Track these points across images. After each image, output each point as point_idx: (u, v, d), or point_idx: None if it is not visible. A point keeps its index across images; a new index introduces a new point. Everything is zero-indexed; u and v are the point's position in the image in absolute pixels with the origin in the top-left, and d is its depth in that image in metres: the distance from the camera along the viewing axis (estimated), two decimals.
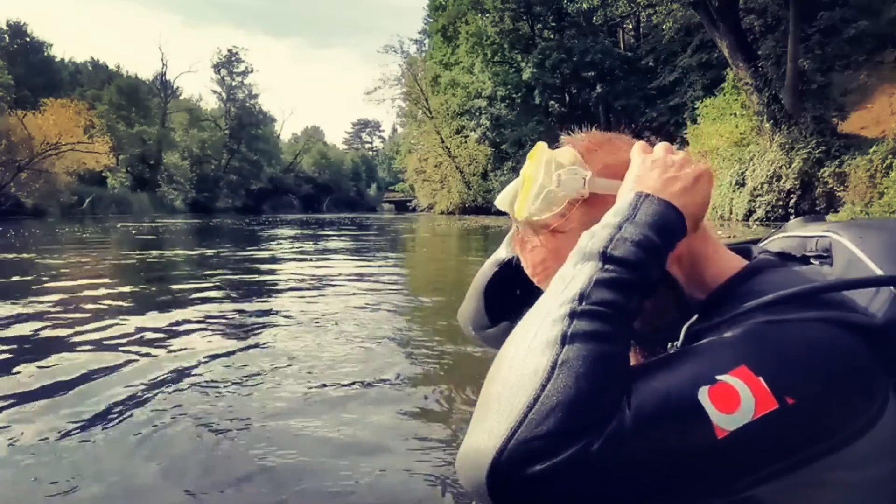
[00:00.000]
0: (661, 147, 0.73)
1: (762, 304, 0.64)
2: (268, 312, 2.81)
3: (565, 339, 0.58)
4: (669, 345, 0.71)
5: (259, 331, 2.30)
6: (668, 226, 0.67)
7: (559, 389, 0.54)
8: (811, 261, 0.82)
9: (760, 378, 0.56)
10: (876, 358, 0.61)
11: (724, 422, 0.54)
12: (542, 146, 0.79)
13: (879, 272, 0.73)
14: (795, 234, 0.88)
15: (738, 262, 0.76)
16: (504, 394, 0.57)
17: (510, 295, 0.84)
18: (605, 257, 0.64)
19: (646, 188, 0.69)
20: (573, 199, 0.72)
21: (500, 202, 0.81)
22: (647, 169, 0.70)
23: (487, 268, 1.08)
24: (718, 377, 0.56)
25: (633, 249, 0.64)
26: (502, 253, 1.03)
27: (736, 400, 0.55)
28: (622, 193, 0.71)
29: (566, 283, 0.64)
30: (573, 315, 0.60)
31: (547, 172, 0.75)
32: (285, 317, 2.68)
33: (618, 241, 0.64)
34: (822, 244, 0.82)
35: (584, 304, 0.60)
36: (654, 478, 0.55)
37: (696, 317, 0.69)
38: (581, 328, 0.59)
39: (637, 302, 0.64)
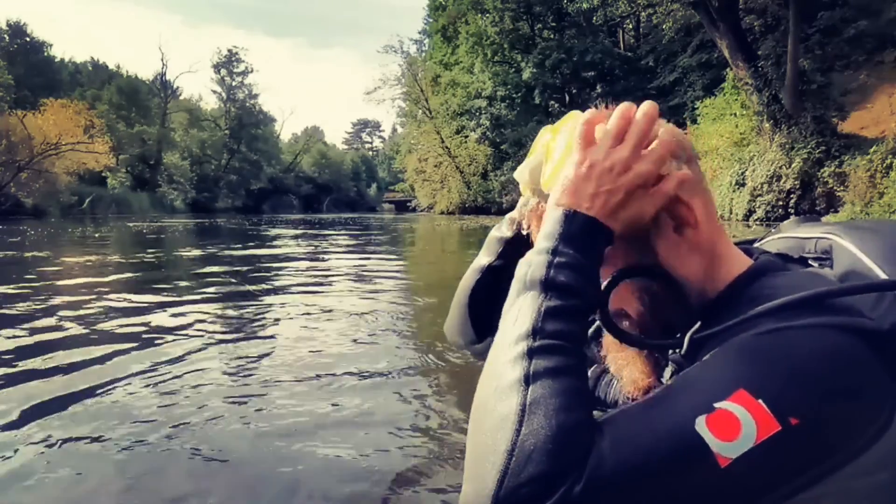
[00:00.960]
0: (606, 138, 0.68)
1: (768, 310, 0.63)
2: (268, 311, 2.81)
3: (528, 380, 0.59)
4: (672, 352, 0.70)
5: (259, 330, 2.30)
6: (598, 245, 0.66)
7: (533, 432, 0.55)
8: (810, 263, 0.80)
9: (760, 401, 0.55)
10: (883, 364, 0.60)
11: (726, 450, 0.54)
12: (576, 113, 0.75)
13: (883, 276, 0.71)
14: (792, 235, 0.87)
15: (744, 261, 0.75)
16: (484, 443, 0.58)
17: (496, 305, 0.82)
18: (547, 286, 0.64)
19: (575, 200, 0.67)
20: None
21: (520, 174, 0.79)
22: (583, 177, 0.67)
23: (469, 277, 1.06)
24: (717, 404, 0.55)
25: (572, 275, 0.64)
26: (484, 259, 1.01)
27: (736, 427, 0.54)
28: (551, 205, 0.69)
29: (515, 318, 0.64)
30: (531, 353, 0.60)
31: None
32: (285, 315, 2.68)
33: (556, 269, 0.64)
34: (821, 246, 0.81)
35: (538, 339, 0.61)
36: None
37: (699, 324, 0.68)
38: (541, 366, 0.59)
39: (584, 326, 0.66)
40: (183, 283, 4.05)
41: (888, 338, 0.61)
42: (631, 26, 29.26)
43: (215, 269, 5.14)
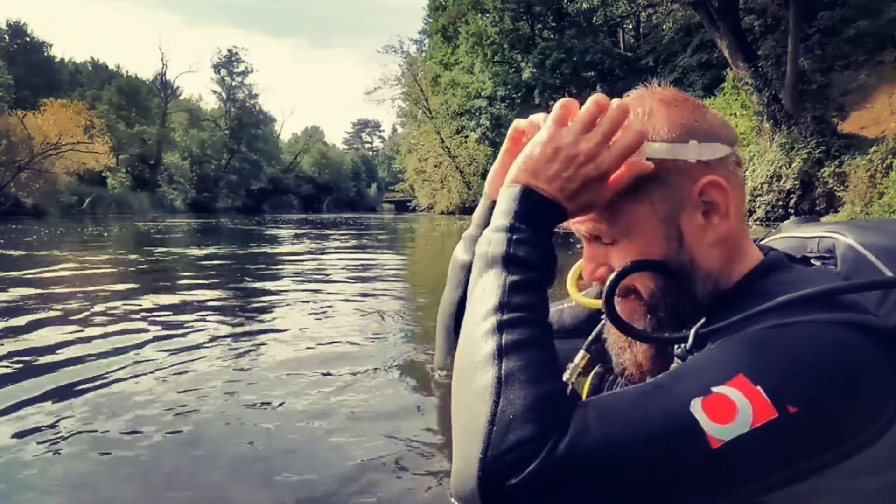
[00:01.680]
0: (577, 123, 0.69)
1: (774, 306, 0.63)
2: (269, 309, 2.81)
3: (501, 353, 0.61)
4: (677, 347, 0.70)
5: (260, 328, 2.30)
6: (551, 223, 0.69)
7: (511, 402, 0.56)
8: (812, 262, 0.80)
9: (759, 387, 0.55)
10: (888, 362, 0.60)
11: (719, 432, 0.54)
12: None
13: (888, 273, 0.72)
14: (793, 234, 0.87)
15: (757, 257, 0.75)
16: (465, 417, 0.60)
17: None
18: (508, 261, 0.66)
19: (535, 181, 0.68)
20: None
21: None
22: (546, 157, 0.68)
23: (447, 310, 1.07)
24: (714, 388, 0.56)
25: (531, 250, 0.66)
26: (455, 293, 1.04)
27: (732, 410, 0.54)
28: (508, 180, 0.71)
29: (482, 295, 0.67)
30: (500, 327, 0.62)
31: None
32: (286, 312, 2.69)
33: (515, 245, 0.66)
34: (824, 245, 0.81)
35: (505, 313, 0.63)
36: (634, 479, 0.54)
37: (703, 319, 0.68)
38: (512, 338, 0.61)
39: (545, 298, 0.67)
40: (184, 281, 4.05)
41: (893, 335, 0.61)
42: (631, 26, 29.25)
43: (216, 268, 5.14)
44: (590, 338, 0.90)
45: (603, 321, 0.85)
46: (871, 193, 11.22)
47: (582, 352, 0.89)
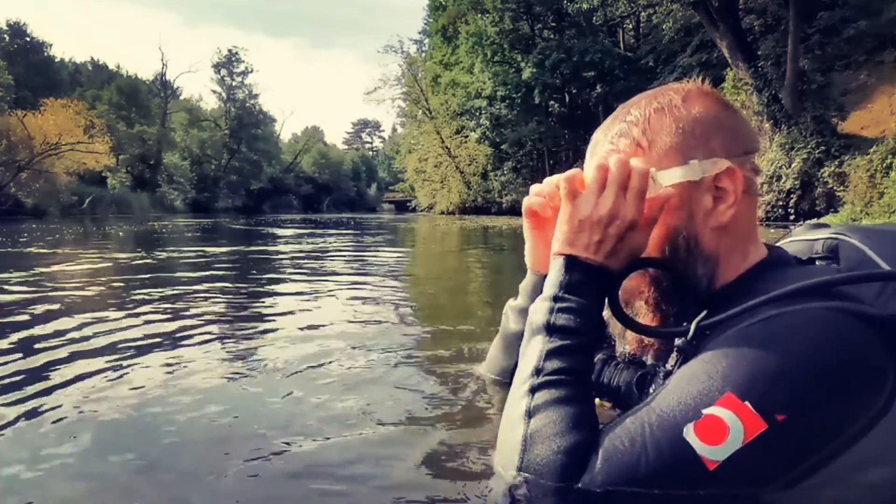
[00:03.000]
0: (590, 192, 0.75)
1: (770, 298, 0.65)
2: (270, 308, 2.81)
3: (529, 414, 0.68)
4: (679, 340, 0.73)
5: (261, 327, 2.30)
6: (597, 286, 0.75)
7: (533, 462, 0.65)
8: (817, 262, 0.84)
9: (746, 402, 0.58)
10: (884, 350, 0.61)
11: (713, 454, 0.57)
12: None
13: (887, 269, 0.74)
14: (802, 238, 0.90)
15: (762, 254, 0.79)
16: (503, 464, 0.70)
17: None
18: (549, 329, 0.73)
19: (574, 250, 0.75)
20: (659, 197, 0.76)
21: None
22: (574, 229, 0.75)
23: (496, 368, 1.19)
24: (705, 410, 0.59)
25: (572, 317, 0.72)
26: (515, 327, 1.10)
27: (723, 430, 0.57)
28: (553, 256, 0.78)
29: (524, 360, 0.74)
30: (533, 390, 0.70)
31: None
32: (287, 310, 2.69)
33: (557, 313, 0.73)
34: (828, 245, 0.83)
35: (539, 377, 0.70)
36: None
37: (705, 312, 0.71)
38: (541, 400, 0.69)
39: (586, 358, 0.74)
40: (184, 279, 4.05)
41: (889, 324, 0.62)
42: (631, 26, 29.26)
43: (217, 266, 5.14)
44: None
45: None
46: (871, 193, 11.22)
47: None
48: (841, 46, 15.87)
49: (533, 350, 0.74)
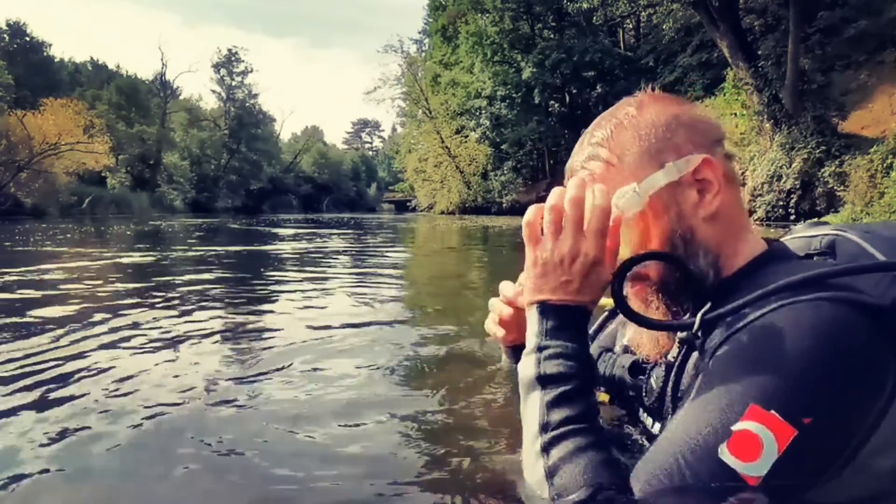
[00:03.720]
0: (548, 234, 0.77)
1: (773, 289, 0.66)
2: (271, 306, 2.80)
3: (549, 475, 0.68)
4: (682, 334, 0.74)
5: (261, 326, 2.28)
6: (577, 325, 0.76)
7: None
8: (814, 257, 0.84)
9: (772, 411, 0.58)
10: (884, 338, 0.62)
11: (753, 469, 0.57)
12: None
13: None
14: (800, 235, 0.90)
15: (761, 247, 0.81)
16: None
17: None
18: (542, 381, 0.72)
19: (545, 295, 0.76)
20: (643, 212, 0.77)
21: None
22: (539, 274, 0.77)
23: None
24: (734, 427, 0.58)
25: (560, 362, 0.73)
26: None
27: (756, 444, 0.57)
28: (527, 306, 0.79)
29: (527, 420, 0.74)
30: (545, 449, 0.69)
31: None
32: (288, 309, 2.68)
33: (545, 363, 0.73)
34: (825, 242, 0.84)
35: (548, 433, 0.70)
36: None
37: (709, 305, 0.72)
38: (556, 457, 0.68)
39: (587, 400, 0.73)
40: (185, 277, 4.04)
41: (889, 313, 0.64)
42: (631, 26, 29.26)
43: (225, 265, 5.13)
44: (594, 327, 0.99)
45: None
46: (872, 193, 11.22)
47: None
48: (841, 46, 15.87)
49: (532, 407, 0.73)
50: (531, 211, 0.79)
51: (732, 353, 0.64)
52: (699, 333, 0.71)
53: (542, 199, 0.78)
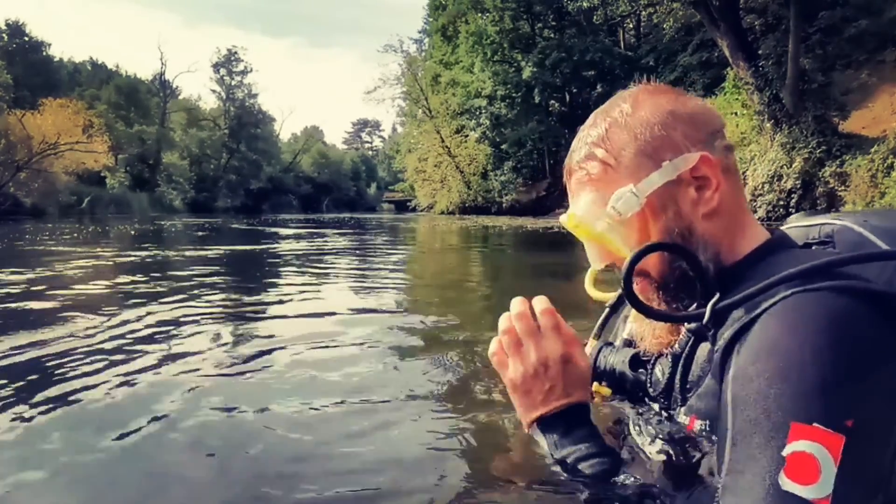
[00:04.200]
0: (513, 356, 0.81)
1: (781, 279, 0.66)
2: (271, 305, 2.78)
3: None
4: (688, 325, 0.76)
5: (262, 325, 2.27)
6: (580, 422, 0.79)
7: None
8: (813, 247, 0.84)
9: (815, 424, 0.57)
10: (891, 325, 0.62)
11: (819, 490, 0.55)
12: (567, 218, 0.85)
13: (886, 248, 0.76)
14: (797, 225, 0.90)
15: (764, 236, 0.81)
16: None
17: None
18: (585, 486, 0.77)
19: (538, 412, 0.80)
20: (640, 212, 0.78)
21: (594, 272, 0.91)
22: (522, 394, 0.81)
23: None
24: (784, 452, 0.57)
25: (587, 464, 0.77)
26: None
27: (812, 464, 0.56)
28: (528, 428, 0.83)
29: None
30: None
31: (597, 216, 0.80)
32: (289, 306, 2.66)
33: (575, 472, 0.78)
34: (824, 231, 0.85)
35: None
36: None
37: (718, 296, 0.72)
38: None
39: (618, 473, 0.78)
40: (186, 277, 4.03)
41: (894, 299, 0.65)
42: (631, 25, 29.28)
43: (220, 267, 5.12)
44: (598, 323, 1.01)
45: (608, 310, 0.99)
46: (873, 193, 11.21)
47: (591, 340, 1.01)
48: (842, 46, 15.87)
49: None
50: (492, 343, 0.83)
51: (751, 363, 0.62)
52: (709, 324, 0.71)
53: (542, 199, 0.77)
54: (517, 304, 0.82)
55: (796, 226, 0.90)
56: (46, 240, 9.14)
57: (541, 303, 0.79)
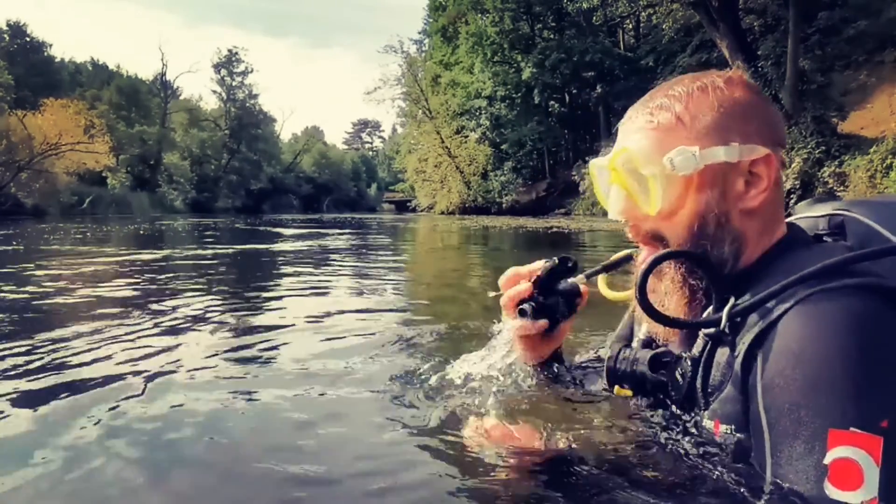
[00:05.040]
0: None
1: (797, 279, 0.67)
2: (272, 304, 2.82)
3: None
4: (710, 329, 0.74)
5: (262, 325, 2.30)
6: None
7: None
8: (824, 239, 0.85)
9: (851, 429, 0.57)
10: None
11: (864, 494, 0.56)
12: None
13: None
14: (805, 215, 0.92)
15: (781, 232, 0.82)
16: None
17: None
18: None
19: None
20: (689, 175, 0.77)
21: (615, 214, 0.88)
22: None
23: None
24: (826, 461, 0.57)
25: None
26: None
27: (855, 469, 0.56)
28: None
29: None
30: None
31: (649, 160, 0.78)
32: (289, 306, 2.69)
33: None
34: (833, 222, 0.85)
35: None
36: None
37: (732, 300, 0.72)
38: None
39: None
40: (187, 276, 4.06)
41: None
42: (631, 26, 29.24)
43: (222, 266, 5.15)
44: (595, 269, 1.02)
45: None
46: (872, 193, 11.23)
47: (582, 277, 1.04)
48: (841, 46, 15.87)
49: None
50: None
51: (779, 373, 0.63)
52: (727, 329, 0.71)
53: (542, 199, 0.81)
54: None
55: (805, 216, 0.91)
56: (61, 240, 9.16)
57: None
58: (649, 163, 0.78)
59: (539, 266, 1.02)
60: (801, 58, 15.16)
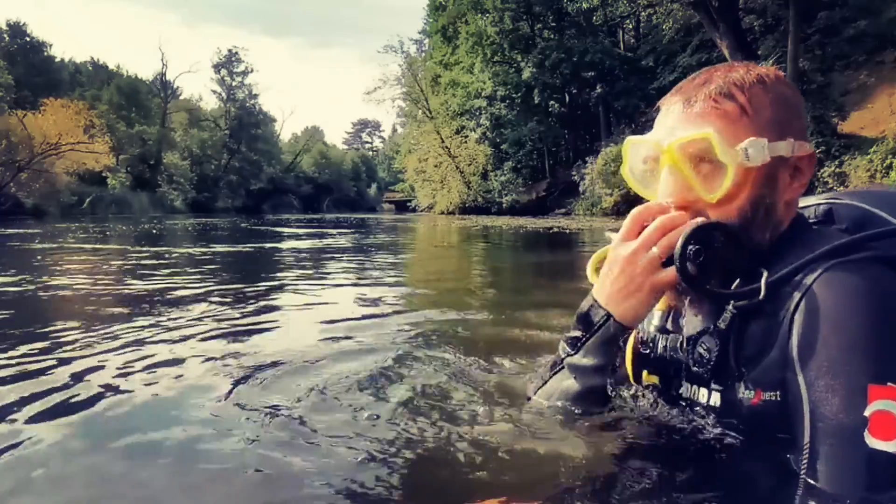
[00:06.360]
0: (641, 243, 0.83)
1: (823, 252, 0.73)
2: (272, 304, 2.82)
3: None
4: (732, 304, 0.78)
5: (263, 325, 2.30)
6: (612, 340, 0.88)
7: None
8: (814, 227, 0.90)
9: (889, 384, 0.62)
10: None
11: None
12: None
13: None
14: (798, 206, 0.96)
15: (789, 217, 0.86)
16: None
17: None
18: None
19: (604, 298, 0.87)
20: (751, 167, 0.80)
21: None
22: (611, 279, 0.86)
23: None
24: (866, 413, 0.62)
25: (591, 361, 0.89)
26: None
27: (893, 420, 0.60)
28: (594, 298, 0.90)
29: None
30: None
31: (728, 151, 0.79)
32: (291, 307, 2.69)
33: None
34: (821, 210, 0.91)
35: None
36: None
37: (766, 273, 0.76)
38: None
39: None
40: (187, 276, 4.06)
41: None
42: (631, 26, 29.24)
43: (222, 266, 5.15)
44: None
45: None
46: None
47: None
48: (841, 46, 15.87)
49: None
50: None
51: (815, 336, 0.68)
52: (765, 301, 0.75)
53: (542, 199, 0.80)
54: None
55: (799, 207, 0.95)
56: (70, 239, 9.17)
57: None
58: (726, 151, 0.78)
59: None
60: (801, 58, 15.17)
